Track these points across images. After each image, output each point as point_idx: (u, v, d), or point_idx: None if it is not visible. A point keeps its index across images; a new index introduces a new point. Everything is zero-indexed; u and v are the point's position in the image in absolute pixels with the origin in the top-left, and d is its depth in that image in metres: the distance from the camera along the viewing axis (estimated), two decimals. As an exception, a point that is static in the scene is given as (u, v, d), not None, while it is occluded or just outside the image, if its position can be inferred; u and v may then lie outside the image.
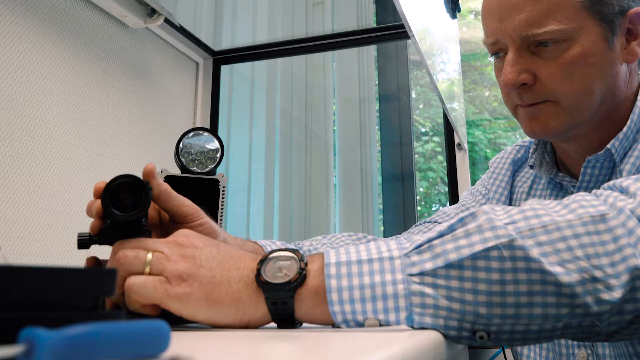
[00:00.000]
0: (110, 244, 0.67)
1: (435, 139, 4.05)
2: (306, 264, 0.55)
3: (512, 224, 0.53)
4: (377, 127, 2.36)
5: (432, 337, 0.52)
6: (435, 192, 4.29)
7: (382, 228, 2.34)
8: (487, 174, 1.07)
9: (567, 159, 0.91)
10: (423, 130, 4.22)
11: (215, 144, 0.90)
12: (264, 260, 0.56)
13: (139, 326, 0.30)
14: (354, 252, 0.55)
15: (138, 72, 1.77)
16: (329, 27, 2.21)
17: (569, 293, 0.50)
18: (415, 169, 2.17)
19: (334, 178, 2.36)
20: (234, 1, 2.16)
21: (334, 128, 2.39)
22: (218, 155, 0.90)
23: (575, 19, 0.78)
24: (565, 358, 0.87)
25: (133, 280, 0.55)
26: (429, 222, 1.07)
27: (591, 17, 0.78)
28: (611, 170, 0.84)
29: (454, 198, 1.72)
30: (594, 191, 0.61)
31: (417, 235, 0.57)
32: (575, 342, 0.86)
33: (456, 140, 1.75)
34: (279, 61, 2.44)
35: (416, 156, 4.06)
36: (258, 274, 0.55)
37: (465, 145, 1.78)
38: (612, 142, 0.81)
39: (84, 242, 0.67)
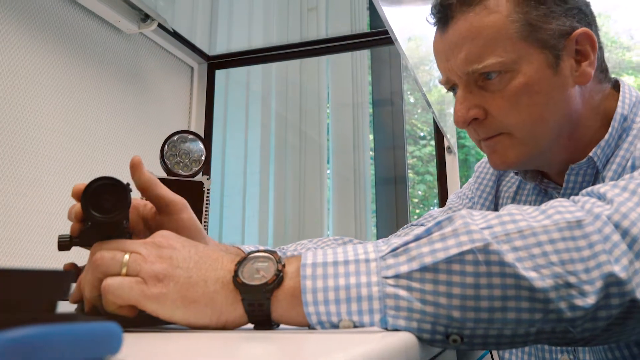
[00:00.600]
0: (91, 245, 0.67)
1: (433, 142, 4.04)
2: (284, 266, 0.55)
3: (488, 229, 0.53)
4: (370, 131, 2.35)
5: (404, 339, 0.52)
6: (434, 195, 4.30)
7: (375, 231, 2.33)
8: (473, 178, 1.07)
9: (548, 169, 0.90)
10: (421, 134, 4.22)
11: (200, 147, 0.89)
12: (241, 262, 0.55)
13: (90, 328, 0.29)
14: (331, 254, 0.55)
15: (133, 77, 1.77)
16: (323, 32, 2.20)
17: (542, 298, 0.50)
18: (407, 172, 2.16)
19: (328, 181, 2.36)
20: (229, 7, 2.16)
21: (328, 132, 2.38)
22: (203, 158, 0.89)
23: (513, 50, 0.77)
24: None
25: (110, 282, 0.54)
26: (416, 224, 1.07)
27: (530, 46, 0.77)
28: (594, 177, 0.83)
29: (443, 201, 1.72)
30: (572, 197, 0.60)
31: (395, 238, 0.57)
32: (558, 347, 0.85)
33: (446, 144, 1.75)
34: (274, 66, 2.44)
35: (414, 159, 4.06)
36: (235, 275, 0.54)
37: (455, 149, 1.78)
38: (594, 150, 0.80)
39: (64, 244, 0.67)
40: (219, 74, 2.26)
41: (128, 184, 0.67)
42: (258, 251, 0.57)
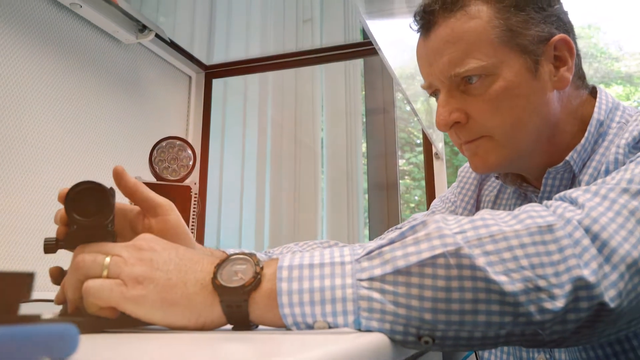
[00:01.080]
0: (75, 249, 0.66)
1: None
2: (262, 268, 0.54)
3: (460, 234, 0.52)
4: (363, 139, 2.35)
5: (377, 339, 0.52)
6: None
7: (368, 235, 2.32)
8: (456, 182, 1.07)
9: (527, 173, 0.90)
10: (417, 141, 4.22)
11: (188, 153, 0.89)
12: (220, 264, 0.55)
13: (44, 330, 0.28)
14: (308, 257, 0.55)
15: (131, 86, 1.77)
16: (318, 43, 2.21)
17: (512, 302, 0.50)
18: (399, 179, 2.16)
19: (322, 186, 2.35)
20: (227, 18, 2.17)
21: (323, 139, 2.38)
22: (190, 163, 0.89)
23: (494, 54, 0.77)
24: None
25: (90, 284, 0.54)
26: (400, 227, 1.06)
27: (510, 51, 0.77)
28: (571, 181, 0.83)
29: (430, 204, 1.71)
30: (545, 202, 0.60)
31: (371, 242, 0.56)
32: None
33: (434, 151, 1.75)
34: (270, 75, 2.44)
35: (411, 166, 4.05)
36: (214, 277, 0.54)
37: (443, 156, 1.78)
38: (570, 154, 0.80)
39: (49, 247, 0.67)
40: (218, 82, 2.26)
41: (111, 188, 0.67)
42: (237, 254, 0.56)
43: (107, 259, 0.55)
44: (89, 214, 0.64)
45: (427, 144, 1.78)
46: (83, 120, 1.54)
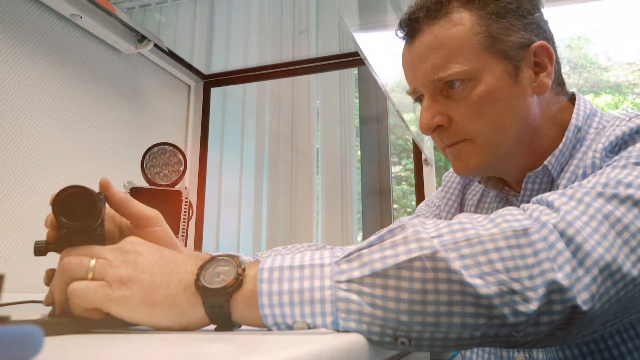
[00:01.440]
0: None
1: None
2: (244, 270, 0.54)
3: (437, 237, 0.52)
4: (357, 145, 2.35)
5: (355, 340, 0.52)
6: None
7: (361, 239, 2.32)
8: (440, 187, 1.07)
9: (508, 177, 0.90)
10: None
11: (179, 158, 0.89)
12: (204, 265, 0.55)
13: (6, 331, 0.28)
14: (289, 259, 0.55)
15: (132, 94, 1.77)
16: (314, 52, 2.21)
17: (486, 304, 0.49)
18: (392, 184, 2.16)
19: (318, 191, 2.35)
20: (226, 29, 2.18)
21: (318, 145, 2.38)
22: (181, 168, 0.89)
23: (476, 59, 0.77)
24: None
25: (76, 286, 0.54)
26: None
27: (492, 56, 0.78)
28: (550, 185, 0.83)
29: (420, 210, 1.71)
30: (522, 205, 0.60)
31: (352, 245, 0.56)
32: None
33: (423, 157, 1.75)
34: (268, 84, 2.44)
35: (407, 172, 4.05)
36: (197, 278, 0.54)
37: (432, 162, 1.78)
38: (548, 159, 0.80)
39: (40, 250, 0.67)
40: (218, 91, 2.27)
41: (100, 193, 0.67)
42: (220, 255, 0.56)
43: (93, 262, 0.55)
44: (76, 218, 0.64)
45: (417, 150, 1.79)
46: (84, 128, 1.54)
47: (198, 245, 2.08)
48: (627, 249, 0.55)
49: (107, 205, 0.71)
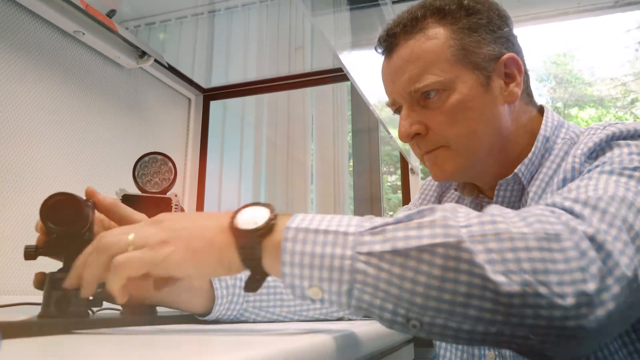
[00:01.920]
0: (55, 256, 0.67)
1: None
2: (275, 216, 0.54)
3: (466, 227, 0.50)
4: (349, 156, 2.36)
5: (323, 339, 0.53)
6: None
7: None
8: (418, 194, 1.07)
9: (482, 183, 0.91)
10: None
11: (169, 167, 0.89)
12: (240, 210, 0.55)
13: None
14: (318, 220, 0.54)
15: (133, 108, 1.78)
16: (309, 67, 2.23)
17: (506, 302, 0.47)
18: (383, 193, 2.16)
19: (312, 199, 2.36)
20: (226, 46, 2.19)
21: (312, 155, 2.39)
22: (171, 177, 0.90)
23: (450, 70, 0.78)
24: (477, 359, 0.84)
25: (120, 258, 0.53)
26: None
27: (464, 67, 0.79)
28: (521, 192, 0.83)
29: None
30: (546, 206, 0.58)
31: (379, 218, 0.55)
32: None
33: (409, 166, 1.75)
34: (265, 97, 2.46)
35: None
36: (231, 221, 0.54)
37: (418, 171, 1.78)
38: (519, 167, 0.81)
39: (30, 253, 0.67)
40: (218, 104, 2.28)
41: (87, 199, 0.67)
42: (256, 203, 0.56)
43: (131, 235, 0.55)
44: (63, 223, 0.65)
45: (404, 161, 1.80)
46: (87, 140, 1.54)
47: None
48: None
49: (96, 211, 0.71)
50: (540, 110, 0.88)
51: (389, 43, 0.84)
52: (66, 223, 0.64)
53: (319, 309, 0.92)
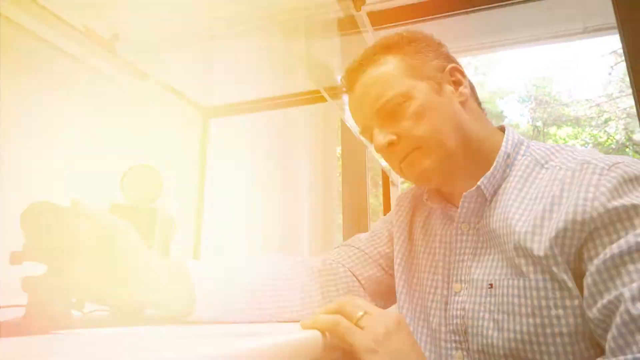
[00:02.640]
0: (40, 260, 0.65)
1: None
2: None
3: None
4: (339, 172, 2.37)
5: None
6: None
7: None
8: (394, 207, 1.07)
9: (450, 197, 0.94)
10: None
11: (156, 178, 0.88)
12: None
13: None
14: None
15: (134, 126, 1.77)
16: (302, 87, 2.24)
17: None
18: (369, 205, 2.15)
19: (306, 209, 2.36)
20: (225, 65, 2.20)
21: (306, 170, 2.39)
22: (157, 188, 0.88)
23: (405, 84, 0.85)
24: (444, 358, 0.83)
25: (344, 323, 0.65)
26: (345, 245, 1.05)
27: (416, 79, 0.86)
28: (483, 204, 0.85)
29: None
30: None
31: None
32: (453, 345, 0.82)
33: (390, 179, 1.75)
34: (263, 115, 2.46)
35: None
36: None
37: (398, 184, 1.78)
38: (481, 180, 0.83)
39: (16, 258, 0.65)
40: (217, 121, 2.28)
41: (69, 209, 0.66)
42: None
43: (360, 313, 0.66)
44: (44, 231, 0.63)
45: (385, 176, 1.79)
46: (86, 157, 1.53)
47: (195, 257, 2.06)
48: None
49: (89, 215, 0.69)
50: (502, 128, 0.92)
51: (350, 79, 0.92)
52: (47, 231, 0.62)
53: (297, 312, 0.90)
